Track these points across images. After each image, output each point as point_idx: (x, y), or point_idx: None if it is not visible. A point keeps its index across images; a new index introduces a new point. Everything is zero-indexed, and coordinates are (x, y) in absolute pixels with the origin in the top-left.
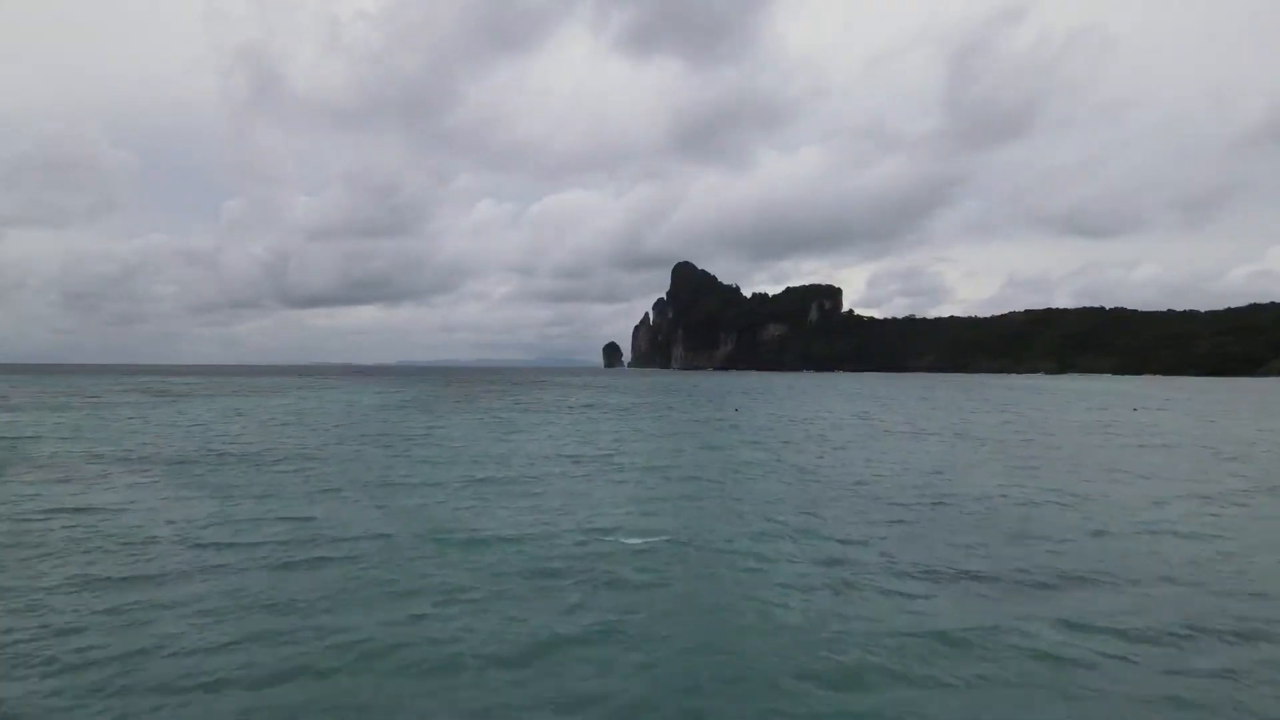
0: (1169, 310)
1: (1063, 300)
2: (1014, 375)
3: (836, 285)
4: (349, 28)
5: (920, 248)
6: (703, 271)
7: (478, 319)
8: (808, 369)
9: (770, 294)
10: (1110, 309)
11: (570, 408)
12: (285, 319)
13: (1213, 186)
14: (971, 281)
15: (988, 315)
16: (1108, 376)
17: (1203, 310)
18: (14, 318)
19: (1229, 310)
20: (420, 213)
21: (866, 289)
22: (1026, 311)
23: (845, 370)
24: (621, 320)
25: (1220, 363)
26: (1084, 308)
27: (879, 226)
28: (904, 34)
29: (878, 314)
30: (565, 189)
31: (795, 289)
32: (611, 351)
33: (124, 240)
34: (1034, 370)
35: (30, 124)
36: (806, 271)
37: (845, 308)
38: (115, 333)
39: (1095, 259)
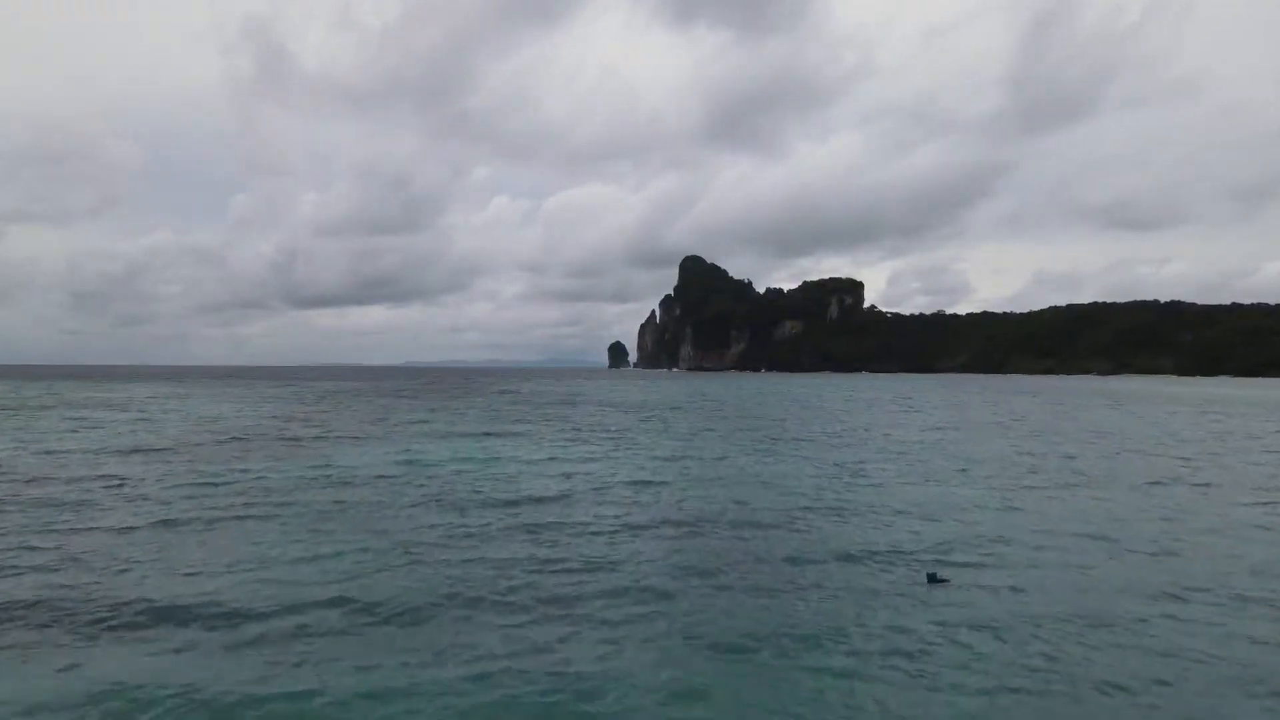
0: (1234, 304)
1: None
2: (1069, 377)
3: (858, 280)
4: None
5: (949, 242)
6: (713, 266)
7: (487, 319)
8: (827, 369)
9: (785, 289)
10: (1165, 303)
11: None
12: (292, 320)
13: (1262, 179)
14: (996, 279)
15: (1023, 311)
16: (1180, 379)
17: (1273, 302)
18: (19, 317)
19: None
20: (433, 207)
21: (887, 286)
22: (1069, 306)
23: (869, 371)
24: (632, 320)
25: None
26: (1135, 302)
27: (909, 219)
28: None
29: (900, 312)
30: (586, 180)
31: (813, 283)
32: (617, 352)
33: (130, 238)
34: (1084, 371)
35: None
36: (827, 269)
37: (866, 304)
38: (123, 334)
39: (1129, 254)
